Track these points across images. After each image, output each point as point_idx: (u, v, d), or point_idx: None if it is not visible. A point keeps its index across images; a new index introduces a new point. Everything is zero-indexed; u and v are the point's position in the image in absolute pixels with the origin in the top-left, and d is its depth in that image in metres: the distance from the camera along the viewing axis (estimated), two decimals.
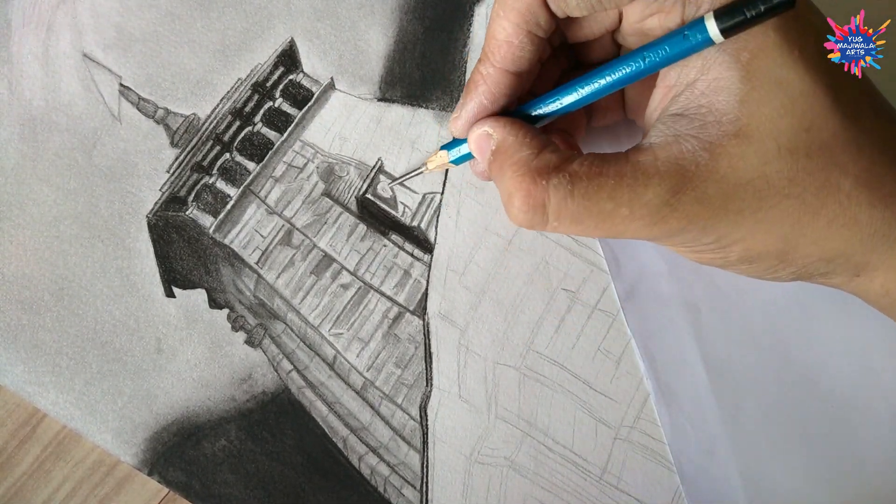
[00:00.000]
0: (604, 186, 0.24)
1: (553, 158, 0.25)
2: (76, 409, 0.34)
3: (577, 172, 0.24)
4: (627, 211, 0.24)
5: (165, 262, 0.35)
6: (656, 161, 0.24)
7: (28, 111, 0.36)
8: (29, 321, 0.35)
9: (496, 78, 0.27)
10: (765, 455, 0.33)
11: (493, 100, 0.27)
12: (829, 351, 0.33)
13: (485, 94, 0.27)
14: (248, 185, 0.36)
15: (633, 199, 0.24)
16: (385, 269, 0.35)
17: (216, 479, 0.34)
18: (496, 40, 0.26)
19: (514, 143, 0.26)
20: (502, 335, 0.34)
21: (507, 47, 0.26)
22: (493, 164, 0.26)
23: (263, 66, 0.36)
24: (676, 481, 0.33)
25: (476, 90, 0.27)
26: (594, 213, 0.24)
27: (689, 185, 0.23)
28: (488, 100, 0.27)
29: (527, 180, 0.25)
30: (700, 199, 0.23)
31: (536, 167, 0.25)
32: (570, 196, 0.24)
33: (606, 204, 0.24)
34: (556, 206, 0.24)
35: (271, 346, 0.35)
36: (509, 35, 0.25)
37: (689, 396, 0.33)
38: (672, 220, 0.24)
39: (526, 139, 0.26)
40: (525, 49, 0.26)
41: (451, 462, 0.34)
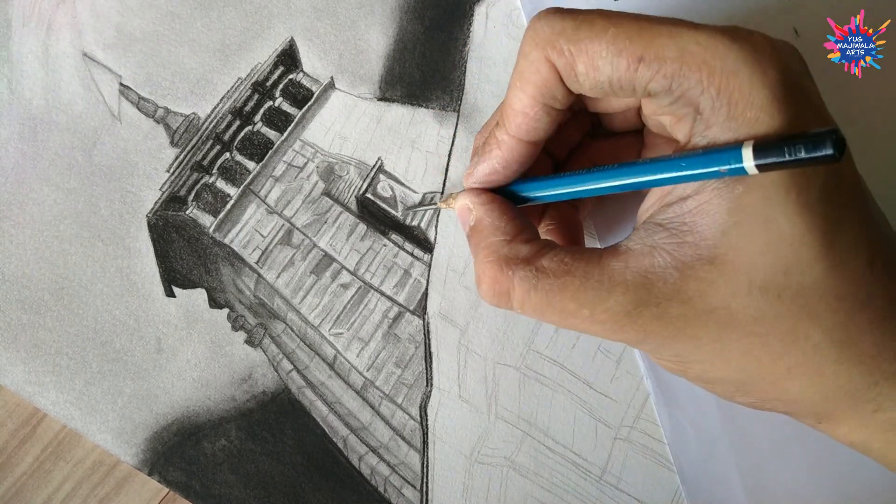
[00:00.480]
0: (568, 286, 0.24)
1: (523, 250, 0.25)
2: (76, 409, 0.34)
3: (544, 269, 0.24)
4: (588, 313, 0.24)
5: (165, 262, 0.35)
6: (626, 269, 0.23)
7: (28, 110, 0.36)
8: (29, 321, 0.35)
9: (510, 145, 0.26)
10: (765, 455, 0.33)
11: (506, 165, 0.27)
12: None
13: (497, 160, 0.27)
14: (248, 185, 0.36)
15: (595, 304, 0.23)
16: (385, 269, 0.35)
17: (216, 479, 0.34)
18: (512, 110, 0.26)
19: (489, 225, 0.26)
20: (502, 335, 0.34)
21: (522, 118, 0.25)
22: (470, 240, 0.27)
23: (263, 65, 0.36)
24: (676, 481, 0.33)
25: (490, 154, 0.27)
26: (556, 310, 0.24)
27: (652, 301, 0.23)
28: (501, 165, 0.27)
29: (494, 267, 0.25)
30: (660, 316, 0.23)
31: (505, 256, 0.25)
32: (534, 290, 0.24)
33: (569, 303, 0.24)
34: (519, 297, 0.25)
35: (271, 346, 0.35)
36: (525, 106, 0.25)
37: (688, 396, 0.33)
38: (630, 330, 0.24)
39: (501, 223, 0.26)
40: (540, 121, 0.25)
41: (451, 462, 0.34)
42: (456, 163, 0.36)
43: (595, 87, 0.24)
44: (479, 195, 0.27)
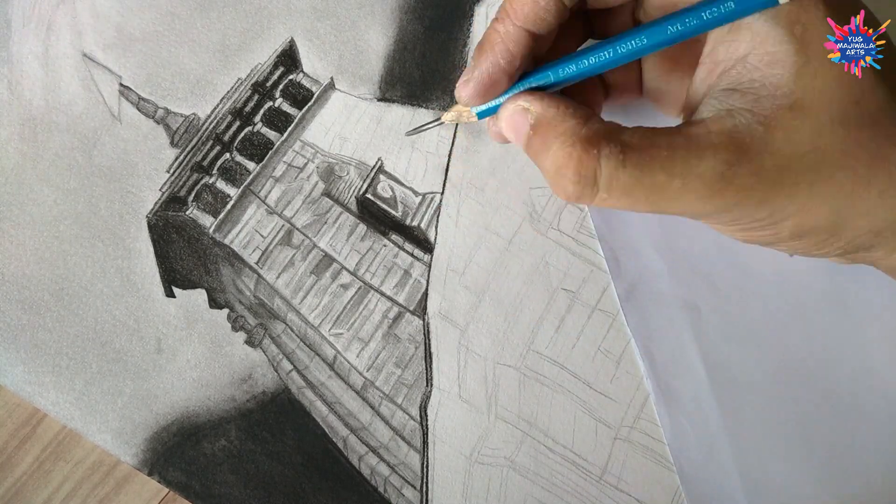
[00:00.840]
0: (656, 157, 0.23)
1: (602, 127, 0.24)
2: (76, 409, 0.34)
3: (628, 142, 0.23)
4: (681, 183, 0.23)
5: (165, 262, 0.35)
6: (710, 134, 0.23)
7: (28, 111, 0.36)
8: (29, 321, 0.35)
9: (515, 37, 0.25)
10: (764, 455, 0.33)
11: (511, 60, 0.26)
12: (829, 351, 0.33)
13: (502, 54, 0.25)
14: (248, 185, 0.36)
15: (686, 171, 0.23)
16: (385, 269, 0.35)
17: (216, 479, 0.34)
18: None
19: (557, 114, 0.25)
20: (502, 335, 0.34)
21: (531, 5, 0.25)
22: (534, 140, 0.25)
23: (263, 65, 0.36)
24: (676, 481, 0.33)
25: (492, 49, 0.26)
26: (646, 185, 0.23)
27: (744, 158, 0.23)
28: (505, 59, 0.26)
29: (577, 149, 0.24)
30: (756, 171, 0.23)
31: (586, 136, 0.24)
32: (622, 166, 0.23)
33: (659, 175, 0.23)
34: (607, 177, 0.24)
35: (271, 346, 0.35)
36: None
37: (688, 396, 0.33)
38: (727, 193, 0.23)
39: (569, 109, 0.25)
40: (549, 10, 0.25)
41: (451, 462, 0.34)
42: (456, 163, 0.36)
43: None
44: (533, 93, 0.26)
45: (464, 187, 0.35)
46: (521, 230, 0.35)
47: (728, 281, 0.34)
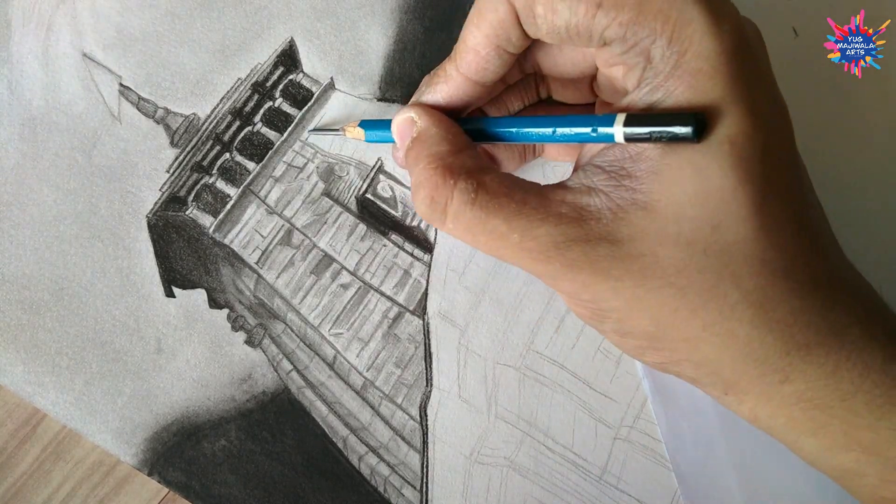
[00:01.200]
0: (504, 207, 0.24)
1: (469, 162, 0.25)
2: (76, 409, 0.34)
3: (486, 184, 0.24)
4: (518, 238, 0.24)
5: (165, 262, 0.35)
6: (562, 203, 0.24)
7: (28, 111, 0.36)
8: (29, 321, 0.35)
9: (458, 82, 0.26)
10: (761, 453, 0.33)
11: (450, 101, 0.27)
12: None
13: (441, 94, 0.27)
14: (247, 185, 0.36)
15: (526, 230, 0.23)
16: (385, 269, 0.35)
17: (216, 480, 0.34)
18: (465, 46, 0.26)
19: (436, 135, 0.26)
20: (502, 335, 0.34)
21: (473, 55, 0.26)
22: (410, 152, 0.26)
23: (263, 65, 0.36)
24: (675, 481, 0.33)
25: (435, 88, 0.27)
26: (488, 230, 0.24)
27: (582, 237, 0.23)
28: (444, 99, 0.27)
29: (436, 175, 0.25)
30: (587, 253, 0.23)
31: (449, 164, 0.25)
32: (471, 204, 0.24)
33: (501, 225, 0.24)
34: (455, 211, 0.24)
35: (271, 346, 0.35)
36: (478, 44, 0.25)
37: (685, 395, 0.33)
38: (556, 263, 0.23)
39: (448, 135, 0.26)
40: (491, 62, 0.26)
41: (451, 462, 0.34)
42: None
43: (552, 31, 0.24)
44: (426, 108, 0.27)
45: None
46: None
47: None
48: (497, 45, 0.25)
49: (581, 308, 0.25)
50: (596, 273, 0.23)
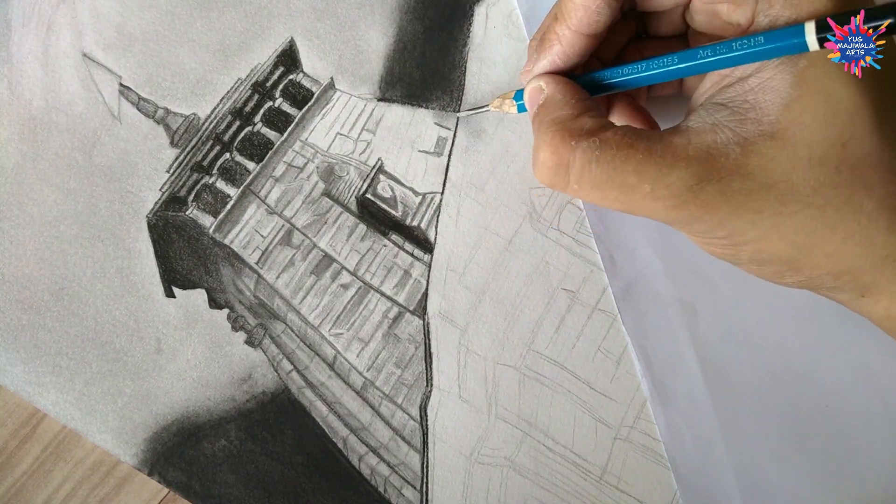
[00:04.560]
0: (630, 159, 0.24)
1: (589, 123, 0.25)
2: (76, 409, 0.34)
3: (608, 140, 0.24)
4: (649, 188, 0.24)
5: (165, 262, 0.35)
6: (689, 145, 0.24)
7: (28, 111, 0.36)
8: (29, 321, 0.35)
9: (570, 39, 0.27)
10: (760, 455, 0.33)
11: (566, 60, 0.27)
12: (824, 351, 0.33)
13: (558, 55, 0.27)
14: (248, 185, 0.36)
15: (657, 178, 0.24)
16: (385, 269, 0.35)
17: (216, 480, 0.34)
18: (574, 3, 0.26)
19: (559, 101, 0.26)
20: (502, 335, 0.34)
21: (583, 11, 0.26)
22: (535, 118, 0.27)
23: (263, 65, 0.36)
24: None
25: (550, 49, 0.27)
26: (616, 184, 0.24)
27: (714, 176, 0.23)
28: (561, 59, 0.27)
29: (557, 138, 0.25)
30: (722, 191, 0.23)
31: (570, 127, 0.25)
32: (596, 161, 0.24)
33: (630, 177, 0.24)
34: (578, 169, 0.25)
35: (271, 346, 0.35)
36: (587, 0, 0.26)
37: (684, 396, 0.33)
38: (692, 206, 0.24)
39: (571, 100, 0.26)
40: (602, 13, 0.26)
41: (451, 462, 0.34)
42: (456, 163, 0.36)
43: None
44: (552, 76, 0.27)
45: (464, 187, 0.35)
46: (520, 230, 0.35)
47: (725, 281, 0.34)
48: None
49: (715, 247, 0.26)
50: (733, 209, 0.24)
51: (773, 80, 0.23)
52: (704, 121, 0.24)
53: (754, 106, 0.24)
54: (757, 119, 0.23)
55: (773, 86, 0.23)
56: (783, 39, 0.23)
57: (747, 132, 0.23)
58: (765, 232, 0.24)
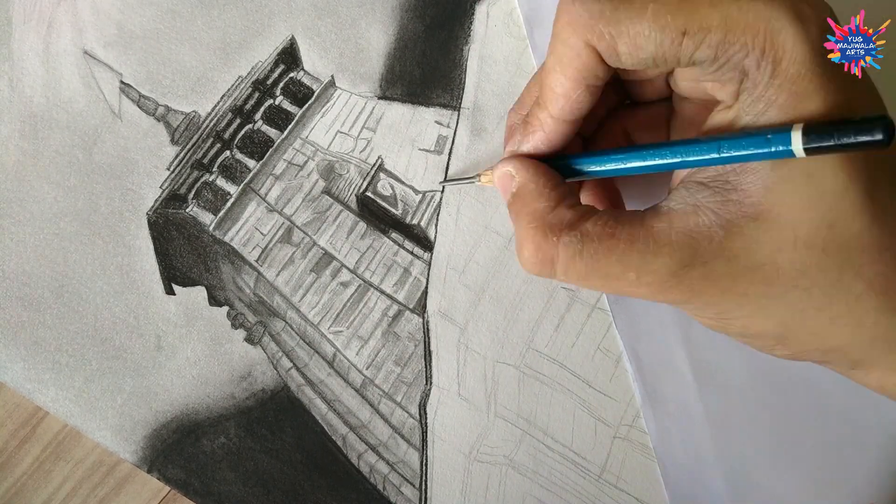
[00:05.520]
0: (614, 250, 0.24)
1: (568, 215, 0.25)
2: (76, 406, 0.34)
3: (589, 233, 0.24)
4: (635, 276, 0.24)
5: (165, 260, 0.35)
6: (670, 230, 0.24)
7: (28, 108, 0.36)
8: (29, 318, 0.35)
9: (552, 126, 0.27)
10: (751, 460, 0.33)
11: (550, 145, 0.27)
12: None
13: (541, 141, 0.27)
14: (248, 183, 0.36)
15: (641, 266, 0.24)
16: (385, 267, 0.35)
17: (215, 477, 0.34)
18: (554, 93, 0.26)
19: (534, 191, 0.26)
20: (502, 333, 0.34)
21: (564, 100, 0.26)
22: (511, 207, 0.27)
23: (264, 63, 0.36)
24: None
25: (533, 135, 0.27)
26: (602, 274, 0.24)
27: (698, 261, 0.23)
28: (545, 145, 0.27)
29: (539, 234, 0.25)
30: (707, 275, 0.23)
31: (550, 222, 0.25)
32: (580, 255, 0.24)
33: (615, 267, 0.24)
34: (564, 263, 0.25)
35: (271, 344, 0.35)
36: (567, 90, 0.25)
37: (675, 400, 0.33)
38: (676, 291, 0.24)
39: (545, 189, 0.26)
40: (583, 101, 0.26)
41: (450, 460, 0.34)
42: (456, 162, 0.36)
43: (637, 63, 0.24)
44: (522, 162, 0.27)
45: (464, 186, 0.35)
46: None
47: None
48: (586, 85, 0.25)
49: (707, 320, 0.26)
50: (718, 292, 0.24)
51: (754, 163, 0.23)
52: (686, 202, 0.24)
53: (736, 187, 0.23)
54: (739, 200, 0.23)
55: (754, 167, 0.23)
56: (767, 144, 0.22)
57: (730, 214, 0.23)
58: (752, 311, 0.24)
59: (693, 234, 0.23)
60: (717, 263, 0.23)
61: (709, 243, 0.23)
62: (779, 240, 0.23)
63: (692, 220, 0.24)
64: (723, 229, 0.23)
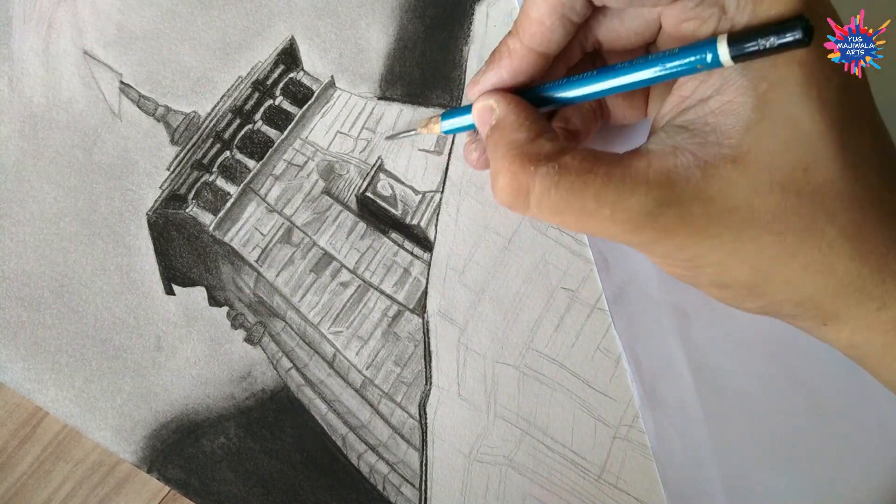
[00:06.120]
0: (590, 184, 0.24)
1: (547, 146, 0.25)
2: (75, 407, 0.34)
3: (567, 165, 0.24)
4: (609, 213, 0.24)
5: (165, 260, 0.35)
6: (648, 168, 0.24)
7: (28, 108, 0.36)
8: (29, 318, 0.35)
9: (521, 54, 0.26)
10: (749, 462, 0.33)
11: (514, 75, 0.27)
12: (815, 358, 0.33)
13: (506, 69, 0.27)
14: (248, 183, 0.36)
15: (616, 203, 0.23)
16: (385, 268, 0.35)
17: (215, 477, 0.34)
18: (529, 18, 0.26)
19: (514, 122, 0.26)
20: (502, 334, 0.34)
21: (537, 27, 0.25)
22: (489, 139, 0.27)
23: (264, 64, 0.36)
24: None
25: (499, 63, 0.27)
26: (576, 209, 0.24)
27: (674, 201, 0.23)
28: (509, 74, 0.27)
29: (515, 163, 0.25)
30: (682, 216, 0.23)
31: (528, 152, 0.25)
32: (555, 187, 0.24)
33: (590, 202, 0.24)
34: (538, 194, 0.24)
35: (271, 344, 0.35)
36: (542, 15, 0.25)
37: (674, 401, 0.33)
38: (651, 230, 0.24)
39: (526, 121, 0.26)
40: (556, 31, 0.26)
41: (450, 460, 0.34)
42: (456, 162, 0.36)
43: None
44: (504, 95, 0.27)
45: (463, 186, 0.35)
46: (520, 229, 0.35)
47: None
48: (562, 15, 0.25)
49: (675, 268, 0.26)
50: (692, 234, 0.23)
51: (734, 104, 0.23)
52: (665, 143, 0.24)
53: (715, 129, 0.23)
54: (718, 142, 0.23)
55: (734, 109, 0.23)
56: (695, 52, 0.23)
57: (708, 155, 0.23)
58: (724, 257, 0.24)
59: (670, 175, 0.23)
60: (693, 204, 0.23)
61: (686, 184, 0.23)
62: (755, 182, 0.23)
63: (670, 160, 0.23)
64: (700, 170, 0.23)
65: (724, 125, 0.23)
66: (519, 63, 0.27)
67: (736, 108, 0.23)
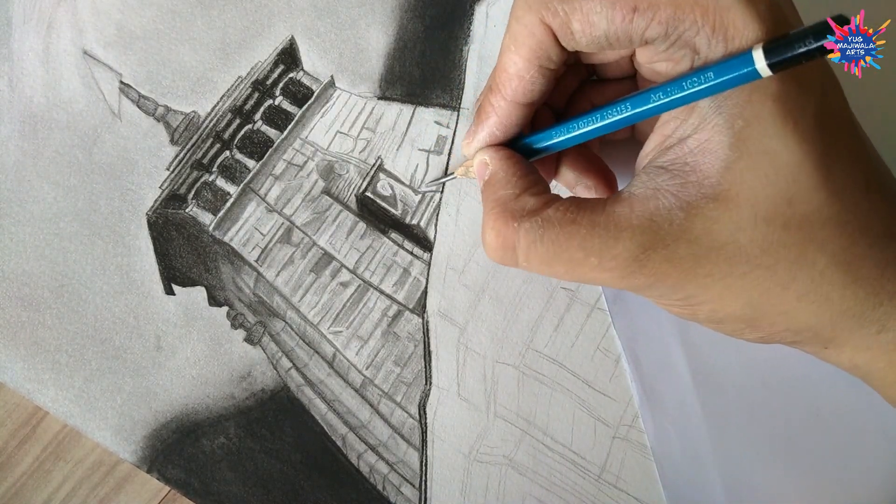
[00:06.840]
0: (574, 235, 0.24)
1: (531, 202, 0.25)
2: (75, 406, 0.34)
3: (549, 218, 0.24)
4: (596, 261, 0.24)
5: (165, 260, 0.35)
6: (631, 214, 0.24)
7: (28, 108, 0.36)
8: (29, 318, 0.35)
9: (507, 110, 0.27)
10: (748, 462, 0.33)
11: (505, 130, 0.27)
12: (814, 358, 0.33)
13: (496, 126, 0.27)
14: (247, 183, 0.36)
15: (602, 251, 0.24)
16: (385, 268, 0.35)
17: (215, 477, 0.34)
18: (507, 74, 0.26)
19: (502, 179, 0.26)
20: (501, 333, 0.35)
21: (517, 81, 0.26)
22: (482, 194, 0.27)
23: (264, 63, 0.36)
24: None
25: (487, 121, 0.27)
26: (563, 260, 0.24)
27: (660, 244, 0.23)
28: (500, 130, 0.27)
29: (500, 220, 0.25)
30: (669, 258, 0.23)
31: (512, 208, 0.25)
32: (540, 241, 0.24)
33: (576, 252, 0.24)
34: (525, 249, 0.25)
35: (270, 344, 0.35)
36: (520, 70, 0.25)
37: (673, 401, 0.33)
38: (640, 276, 0.24)
39: (513, 177, 0.26)
40: (536, 83, 0.26)
41: (449, 460, 0.34)
42: (456, 162, 0.36)
43: (591, 42, 0.24)
44: (496, 150, 0.27)
45: (463, 185, 0.35)
46: None
47: None
48: (539, 66, 0.25)
49: (674, 307, 0.26)
50: (682, 274, 0.23)
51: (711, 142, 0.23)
52: (646, 186, 0.24)
53: (694, 168, 0.23)
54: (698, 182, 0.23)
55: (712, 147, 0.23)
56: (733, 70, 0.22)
57: (689, 196, 0.23)
58: (718, 294, 0.24)
59: (653, 218, 0.23)
60: (679, 246, 0.23)
61: (669, 226, 0.23)
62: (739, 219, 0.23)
63: (652, 203, 0.23)
64: (683, 211, 0.23)
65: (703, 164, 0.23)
66: (507, 118, 0.27)
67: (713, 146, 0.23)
